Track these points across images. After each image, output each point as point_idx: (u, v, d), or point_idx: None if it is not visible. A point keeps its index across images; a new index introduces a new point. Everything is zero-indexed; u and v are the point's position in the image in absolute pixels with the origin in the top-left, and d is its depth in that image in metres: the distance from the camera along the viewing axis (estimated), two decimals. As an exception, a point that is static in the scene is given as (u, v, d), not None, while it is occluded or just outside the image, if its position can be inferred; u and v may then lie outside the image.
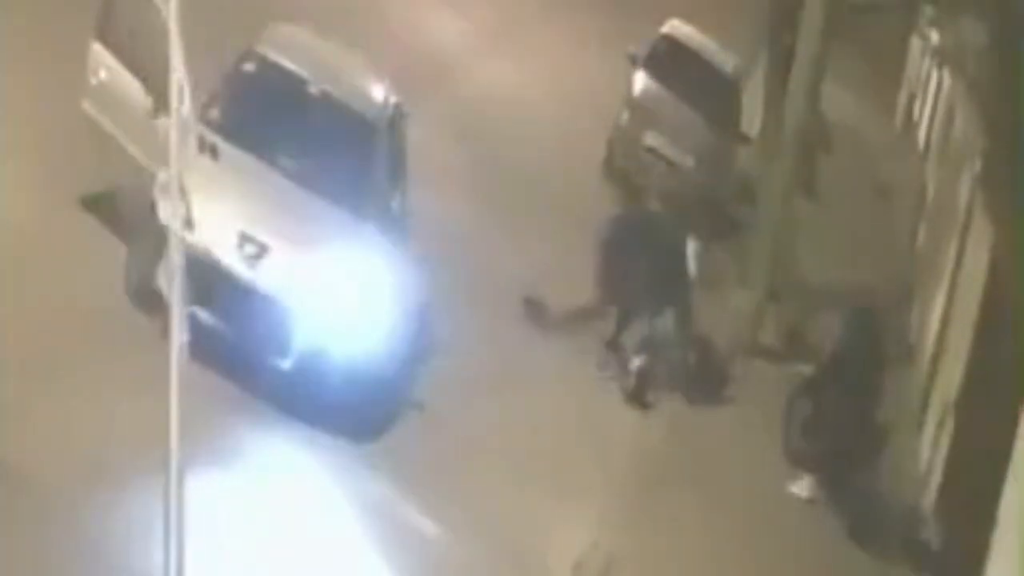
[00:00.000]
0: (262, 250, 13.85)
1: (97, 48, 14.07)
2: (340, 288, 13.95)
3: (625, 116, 23.11)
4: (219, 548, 11.26)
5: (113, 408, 12.35)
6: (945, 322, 19.29)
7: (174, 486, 7.70)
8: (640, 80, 23.47)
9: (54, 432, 12.03)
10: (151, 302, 12.85)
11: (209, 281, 13.42)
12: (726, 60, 24.81)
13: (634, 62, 23.67)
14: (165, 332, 11.35)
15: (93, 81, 14.19)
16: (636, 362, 17.58)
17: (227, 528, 11.78)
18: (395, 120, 16.05)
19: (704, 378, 18.43)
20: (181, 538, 7.92)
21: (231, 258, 13.73)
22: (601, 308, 18.00)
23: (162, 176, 12.97)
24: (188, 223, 13.14)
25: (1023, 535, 12.03)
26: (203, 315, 13.32)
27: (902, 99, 32.73)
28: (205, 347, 12.60)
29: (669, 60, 23.86)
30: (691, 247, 18.38)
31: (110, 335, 13.22)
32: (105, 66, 13.92)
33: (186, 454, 8.52)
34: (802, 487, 17.03)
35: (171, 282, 8.21)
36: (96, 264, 14.01)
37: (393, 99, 16.12)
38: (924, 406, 19.03)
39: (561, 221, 20.39)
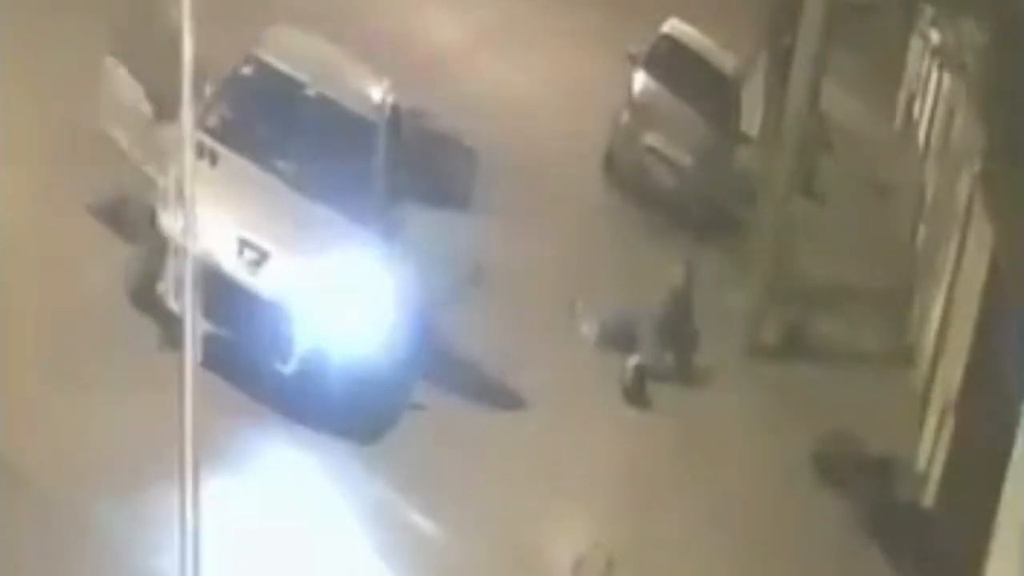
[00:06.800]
0: (262, 256, 13.86)
1: (109, 59, 14.09)
2: (340, 292, 13.97)
3: (625, 116, 23.10)
4: (221, 550, 11.29)
5: (115, 409, 12.40)
6: (945, 322, 19.28)
7: (189, 494, 7.75)
8: (640, 80, 23.46)
9: (56, 433, 12.08)
10: (150, 305, 12.90)
11: (210, 287, 13.41)
12: (726, 60, 24.79)
13: (634, 62, 23.67)
14: (163, 344, 11.39)
15: (104, 90, 14.19)
16: (634, 360, 17.61)
17: (229, 531, 11.80)
18: (394, 122, 16.04)
19: (703, 377, 18.45)
20: (197, 541, 7.97)
21: (231, 264, 13.75)
22: None
23: (162, 183, 13.06)
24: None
25: (1023, 535, 12.08)
26: (204, 321, 13.34)
27: (902, 99, 32.64)
28: (207, 352, 12.67)
29: (669, 60, 23.85)
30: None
31: (113, 337, 13.27)
32: (114, 74, 13.94)
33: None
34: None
35: (180, 293, 8.23)
36: (100, 267, 14.04)
37: (392, 100, 16.12)
38: (924, 406, 19.03)
39: (561, 221, 20.41)
